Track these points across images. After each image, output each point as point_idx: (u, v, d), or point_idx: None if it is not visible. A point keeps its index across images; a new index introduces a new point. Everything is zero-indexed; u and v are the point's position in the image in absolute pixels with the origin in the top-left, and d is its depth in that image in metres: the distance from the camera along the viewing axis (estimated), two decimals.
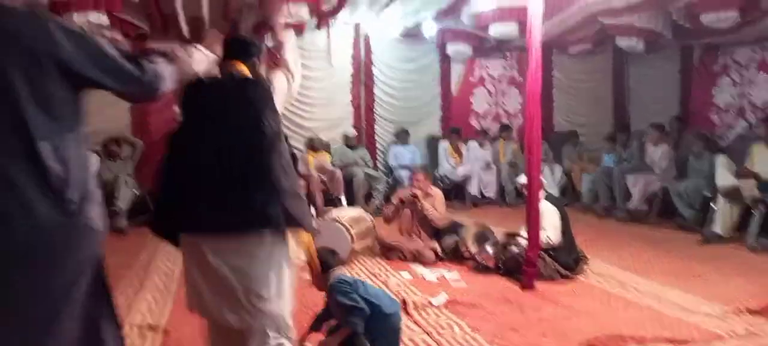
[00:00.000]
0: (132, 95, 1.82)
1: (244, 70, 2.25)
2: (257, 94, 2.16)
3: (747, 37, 7.07)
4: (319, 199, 6.89)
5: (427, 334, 3.20)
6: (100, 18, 5.26)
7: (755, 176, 5.43)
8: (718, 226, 5.43)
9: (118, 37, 6.58)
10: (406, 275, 4.44)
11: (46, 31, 1.52)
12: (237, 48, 2.32)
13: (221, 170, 2.06)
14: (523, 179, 4.40)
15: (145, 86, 1.72)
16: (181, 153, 2.18)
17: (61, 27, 1.56)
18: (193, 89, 2.21)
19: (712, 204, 5.61)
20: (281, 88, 2.32)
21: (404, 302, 3.66)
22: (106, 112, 6.96)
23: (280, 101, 2.27)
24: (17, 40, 1.48)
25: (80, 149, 1.62)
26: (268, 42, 7.18)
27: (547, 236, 4.20)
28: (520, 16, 6.26)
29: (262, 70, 2.39)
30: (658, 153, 6.83)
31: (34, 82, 1.49)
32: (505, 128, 8.68)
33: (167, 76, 1.79)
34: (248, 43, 2.36)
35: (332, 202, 6.97)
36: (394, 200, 5.22)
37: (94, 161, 6.66)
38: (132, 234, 5.97)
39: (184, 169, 2.14)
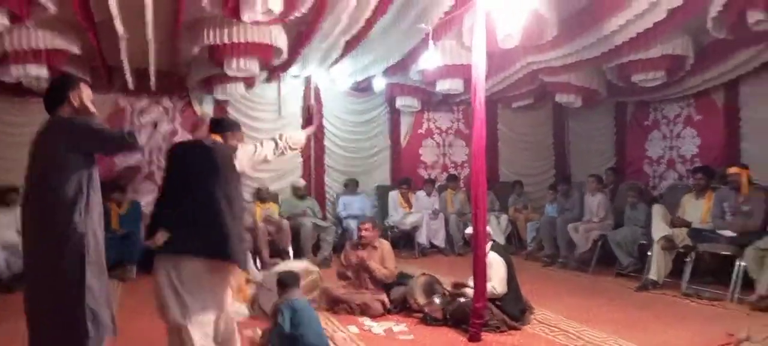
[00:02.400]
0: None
1: (218, 139, 3.17)
2: (222, 157, 2.99)
3: (674, 94, 7.58)
4: (265, 251, 6.76)
5: None
6: (40, 71, 5.12)
7: (687, 225, 5.73)
8: (654, 273, 5.66)
9: None
10: (353, 328, 4.38)
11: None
12: (215, 124, 3.25)
13: (193, 209, 2.83)
14: (470, 230, 4.48)
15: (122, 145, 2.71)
16: (168, 194, 2.96)
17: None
18: (179, 149, 3.10)
19: (648, 252, 5.85)
20: (244, 156, 3.27)
21: None
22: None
23: (243, 165, 3.27)
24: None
25: None
26: (218, 95, 7.21)
27: (493, 286, 4.26)
28: (465, 73, 6.52)
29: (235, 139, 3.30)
30: (595, 202, 7.12)
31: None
32: (452, 178, 8.87)
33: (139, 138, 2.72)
34: (224, 122, 3.42)
35: (279, 254, 6.85)
36: (343, 261, 5.21)
37: None
38: None
39: (171, 205, 2.89)
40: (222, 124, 3.35)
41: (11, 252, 5.92)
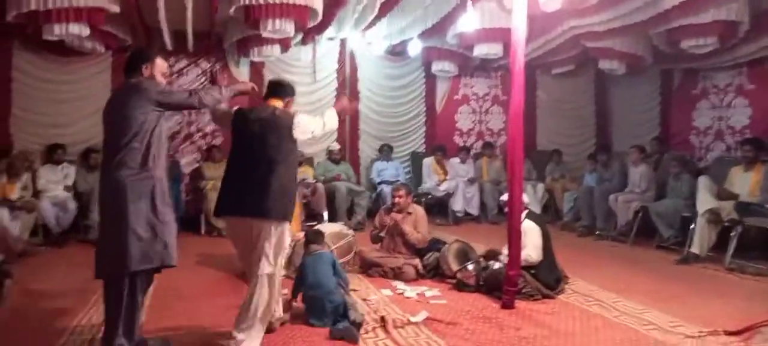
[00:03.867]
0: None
1: (278, 104, 3.29)
2: (282, 123, 3.15)
3: (725, 62, 7.22)
4: (300, 213, 6.84)
5: None
6: (82, 30, 5.20)
7: (735, 197, 5.51)
8: (697, 246, 5.49)
9: (99, 48, 6.54)
10: (386, 291, 4.41)
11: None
12: (275, 88, 3.37)
13: (254, 173, 3.09)
14: (506, 197, 4.41)
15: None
16: (232, 160, 3.24)
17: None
18: (242, 115, 3.26)
19: (691, 225, 5.67)
20: (305, 123, 3.19)
21: (383, 319, 3.63)
22: (84, 123, 6.92)
23: (302, 131, 3.19)
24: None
25: None
26: (253, 57, 7.22)
27: (528, 254, 4.21)
28: (504, 36, 6.34)
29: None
30: (638, 173, 6.92)
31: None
32: (488, 146, 8.74)
33: (207, 100, 3.06)
34: (286, 87, 3.40)
35: (314, 217, 6.92)
36: (377, 223, 5.21)
37: (71, 172, 6.57)
38: None
39: (235, 171, 3.21)
40: (284, 89, 3.38)
41: (61, 208, 6.16)
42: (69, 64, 6.92)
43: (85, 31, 5.29)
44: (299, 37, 7.17)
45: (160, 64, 3.04)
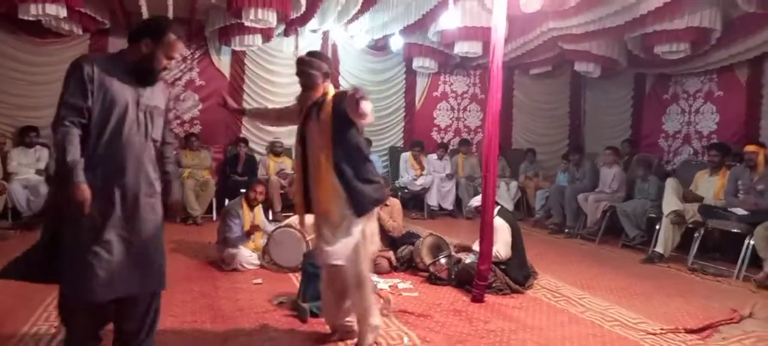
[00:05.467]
0: None
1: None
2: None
3: (696, 68, 7.44)
4: (278, 204, 6.87)
5: (377, 345, 3.25)
6: (59, 10, 5.14)
7: (700, 200, 5.71)
8: (661, 246, 5.67)
9: (77, 30, 6.45)
10: None
11: None
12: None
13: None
14: (476, 202, 4.51)
15: None
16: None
17: None
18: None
19: (656, 226, 5.86)
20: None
21: None
22: None
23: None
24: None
25: None
26: (235, 46, 7.19)
27: (497, 251, 4.31)
28: (484, 35, 6.45)
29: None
30: (610, 174, 7.10)
31: None
32: (464, 142, 8.86)
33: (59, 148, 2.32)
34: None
35: (291, 207, 6.93)
36: None
37: (43, 155, 6.48)
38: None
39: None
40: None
41: (31, 191, 6.08)
42: (45, 46, 6.81)
43: (62, 12, 5.23)
44: (282, 28, 7.18)
45: (170, 43, 2.48)
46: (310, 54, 3.07)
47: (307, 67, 2.97)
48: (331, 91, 3.02)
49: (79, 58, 2.39)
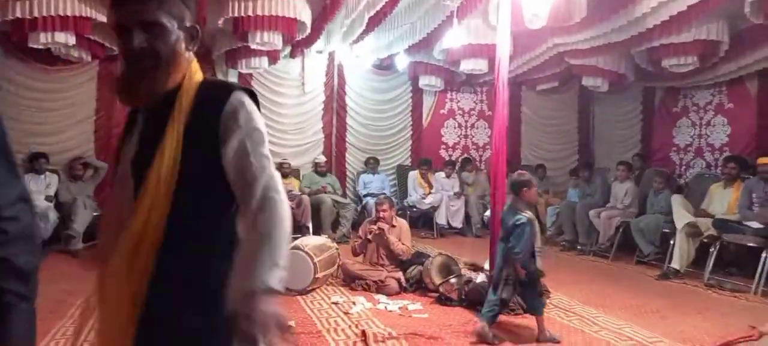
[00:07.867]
0: None
1: None
2: None
3: (705, 80, 7.37)
4: None
5: None
6: (68, 38, 5.19)
7: (710, 217, 5.60)
8: (676, 261, 5.57)
9: (86, 57, 6.52)
10: (368, 304, 4.42)
11: None
12: None
13: None
14: (489, 213, 4.46)
15: None
16: None
17: None
18: None
19: (671, 241, 5.75)
20: None
21: (364, 333, 3.64)
22: (70, 133, 6.87)
23: None
24: None
25: None
26: (241, 69, 7.24)
27: None
28: (489, 53, 6.42)
29: None
30: (623, 190, 7.01)
31: None
32: (466, 161, 8.78)
33: None
34: None
35: (299, 229, 6.91)
36: (361, 233, 5.21)
37: (53, 182, 6.51)
38: (87, 258, 5.82)
39: None
40: None
41: (41, 218, 6.09)
42: (55, 73, 6.88)
43: (71, 39, 5.28)
44: (288, 49, 7.22)
45: None
46: None
47: None
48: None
49: None
